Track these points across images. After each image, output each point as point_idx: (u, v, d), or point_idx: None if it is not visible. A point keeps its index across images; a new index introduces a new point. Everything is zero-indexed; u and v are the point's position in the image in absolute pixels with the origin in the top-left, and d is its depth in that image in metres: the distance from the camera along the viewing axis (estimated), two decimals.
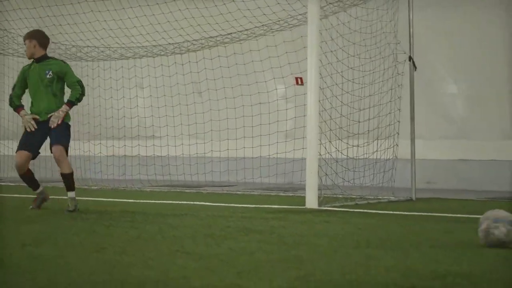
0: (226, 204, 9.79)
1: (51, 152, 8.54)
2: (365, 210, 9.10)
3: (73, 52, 13.94)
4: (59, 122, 8.49)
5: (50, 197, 9.05)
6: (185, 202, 10.09)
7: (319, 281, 4.51)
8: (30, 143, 8.57)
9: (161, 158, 14.07)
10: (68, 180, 8.55)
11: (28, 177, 8.74)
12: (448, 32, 13.19)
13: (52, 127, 8.49)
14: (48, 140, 8.66)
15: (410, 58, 11.02)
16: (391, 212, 8.98)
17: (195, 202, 10.04)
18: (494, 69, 12.91)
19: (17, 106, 8.84)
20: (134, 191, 12.35)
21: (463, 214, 8.64)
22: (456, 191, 12.11)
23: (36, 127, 8.54)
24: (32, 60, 8.82)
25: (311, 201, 9.38)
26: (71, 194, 8.60)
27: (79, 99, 8.65)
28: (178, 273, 4.79)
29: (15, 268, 4.97)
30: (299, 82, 12.66)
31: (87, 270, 4.90)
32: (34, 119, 8.61)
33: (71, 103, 8.59)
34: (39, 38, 8.78)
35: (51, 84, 8.60)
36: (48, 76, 8.57)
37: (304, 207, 9.35)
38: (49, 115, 8.55)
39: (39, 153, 8.70)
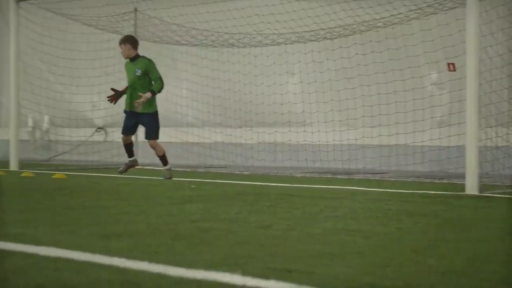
0: (382, 189, 9.61)
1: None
2: None
3: (225, 38, 14.07)
4: (139, 108, 10.95)
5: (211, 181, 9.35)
6: (339, 187, 9.99)
7: (501, 260, 4.30)
8: (127, 128, 11.30)
9: (312, 144, 13.99)
10: (163, 159, 11.30)
11: (129, 147, 11.45)
12: None
13: (138, 110, 11.00)
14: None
15: None
16: None
17: (349, 187, 9.92)
18: None
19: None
20: (285, 176, 12.34)
21: None
22: None
23: (115, 101, 11.33)
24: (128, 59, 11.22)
25: (471, 187, 9.06)
26: (166, 167, 11.34)
27: (159, 90, 11.02)
28: (351, 248, 4.70)
29: (191, 240, 5.01)
30: (451, 68, 12.30)
31: (258, 243, 4.88)
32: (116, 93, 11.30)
33: (153, 92, 10.99)
34: (131, 42, 11.19)
35: (140, 79, 11.01)
36: (137, 74, 11.02)
37: (463, 193, 9.06)
38: (135, 102, 10.98)
39: (136, 131, 11.58)
